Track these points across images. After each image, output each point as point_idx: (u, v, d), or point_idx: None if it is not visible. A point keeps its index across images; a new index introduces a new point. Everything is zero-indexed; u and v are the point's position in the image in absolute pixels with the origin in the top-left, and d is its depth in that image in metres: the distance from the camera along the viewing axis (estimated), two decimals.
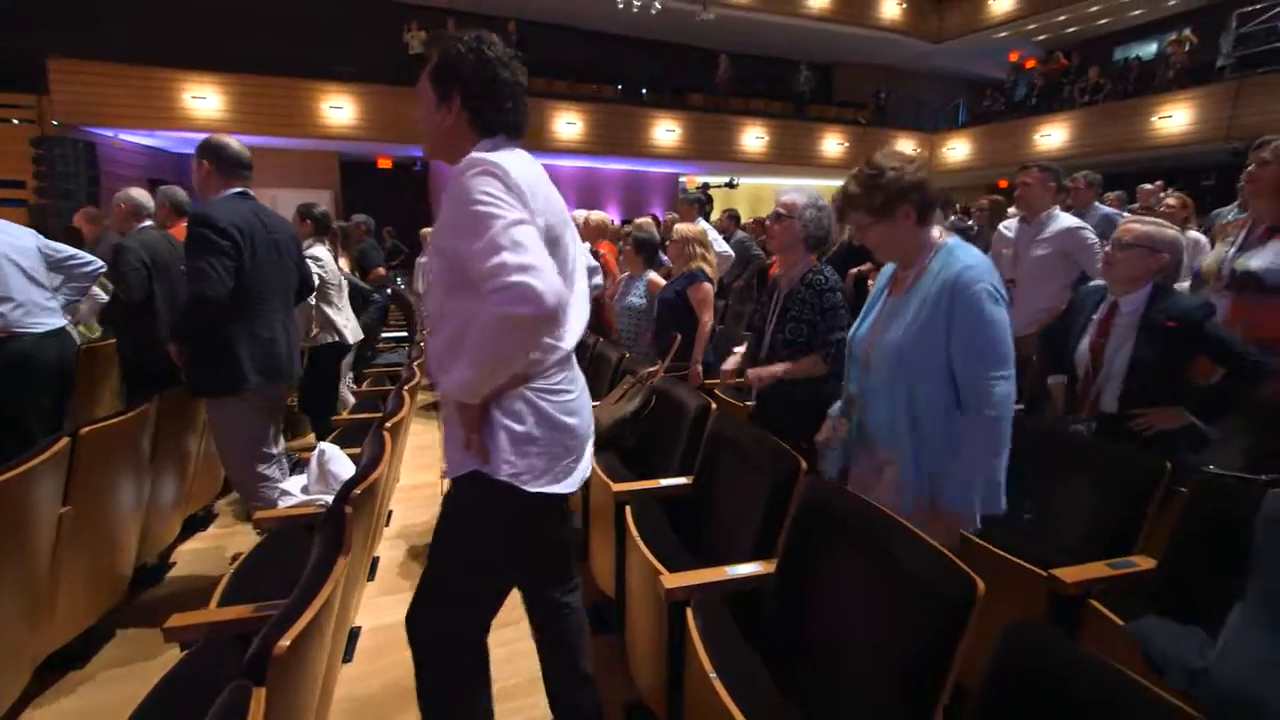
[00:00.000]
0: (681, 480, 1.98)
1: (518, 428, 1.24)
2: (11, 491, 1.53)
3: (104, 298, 3.47)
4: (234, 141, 2.31)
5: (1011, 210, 3.45)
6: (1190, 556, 1.45)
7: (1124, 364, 1.89)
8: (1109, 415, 1.94)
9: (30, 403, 2.62)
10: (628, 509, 1.81)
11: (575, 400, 1.34)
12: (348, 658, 2.03)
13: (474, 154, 1.20)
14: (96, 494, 1.95)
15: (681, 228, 3.25)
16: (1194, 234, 3.54)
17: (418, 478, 3.63)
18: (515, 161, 1.21)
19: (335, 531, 1.21)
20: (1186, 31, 11.01)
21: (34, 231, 2.75)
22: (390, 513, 3.12)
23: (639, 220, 5.59)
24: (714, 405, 2.08)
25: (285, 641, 0.82)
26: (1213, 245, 2.73)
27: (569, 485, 1.32)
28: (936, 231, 1.53)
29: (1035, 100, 13.52)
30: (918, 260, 1.52)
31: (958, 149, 14.32)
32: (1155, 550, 1.53)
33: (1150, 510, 1.60)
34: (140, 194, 3.02)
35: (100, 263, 2.85)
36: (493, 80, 1.25)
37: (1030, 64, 14.42)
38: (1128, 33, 13.46)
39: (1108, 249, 1.96)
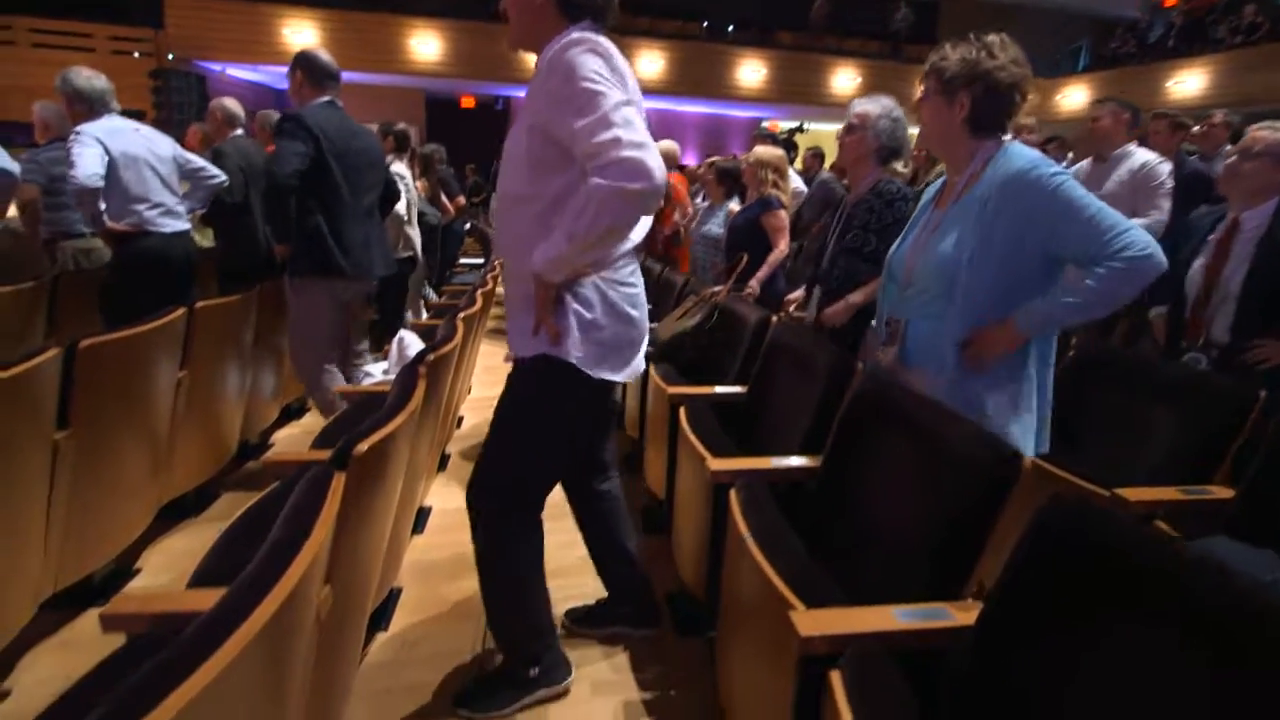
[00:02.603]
0: (736, 389, 2.00)
1: (586, 314, 1.30)
2: (139, 346, 1.73)
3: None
4: (324, 53, 2.47)
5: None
6: (1271, 488, 1.36)
7: (1240, 286, 1.74)
8: (1222, 346, 1.80)
9: (156, 296, 2.88)
10: (681, 410, 1.86)
11: (639, 294, 1.40)
12: (419, 530, 2.22)
13: (575, 33, 1.21)
14: (208, 365, 2.18)
15: (760, 150, 3.17)
16: None
17: (487, 392, 3.83)
18: (612, 47, 1.22)
19: (412, 372, 1.32)
20: None
21: (172, 141, 2.98)
22: (461, 418, 3.32)
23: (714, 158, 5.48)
24: (775, 319, 2.07)
25: (364, 446, 0.92)
26: None
27: (626, 375, 1.39)
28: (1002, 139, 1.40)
29: (1172, 42, 12.07)
30: (969, 165, 1.39)
31: (1074, 97, 13.07)
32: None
33: (1235, 443, 1.51)
34: (233, 103, 3.23)
35: (224, 176, 3.05)
36: None
37: (1170, 1, 12.83)
38: None
39: (1232, 159, 1.80)
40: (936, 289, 1.39)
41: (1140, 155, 2.80)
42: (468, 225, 7.47)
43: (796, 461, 1.46)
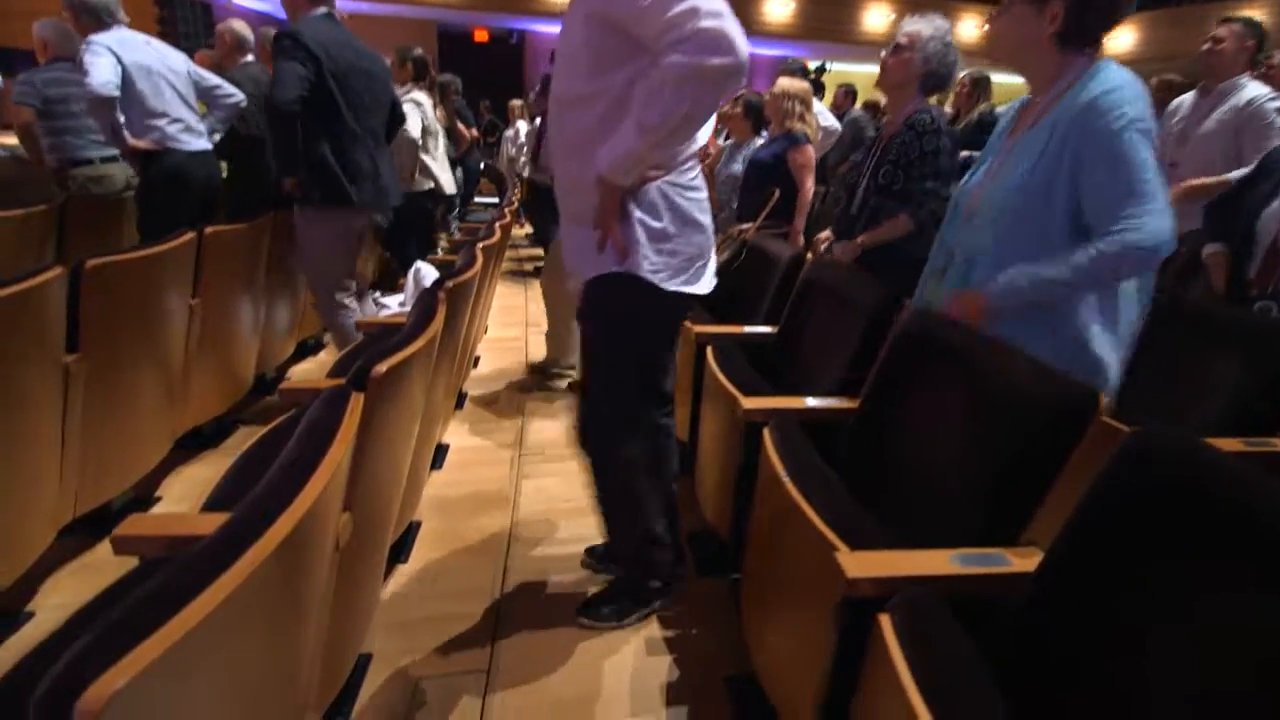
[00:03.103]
0: (766, 329, 1.92)
1: (654, 223, 1.22)
2: (148, 269, 1.67)
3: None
4: None
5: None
6: None
7: None
8: None
9: (180, 217, 2.79)
10: (708, 349, 1.79)
11: (705, 200, 1.32)
12: (437, 466, 2.20)
13: None
14: (221, 294, 2.12)
15: (784, 81, 2.97)
16: None
17: (505, 332, 3.77)
18: None
19: (432, 296, 1.25)
20: None
21: (185, 56, 2.84)
22: (478, 358, 3.27)
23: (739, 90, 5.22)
24: (809, 256, 1.97)
25: (383, 367, 0.86)
26: None
27: (703, 286, 1.33)
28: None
29: None
30: (1053, 86, 1.24)
31: (1120, 39, 12.31)
32: None
33: None
34: (242, 27, 3.07)
35: (242, 96, 2.91)
36: None
37: None
38: None
39: None
40: (994, 224, 1.28)
41: (1250, 90, 2.43)
42: (482, 165, 7.28)
43: (833, 402, 1.39)
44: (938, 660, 0.75)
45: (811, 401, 1.39)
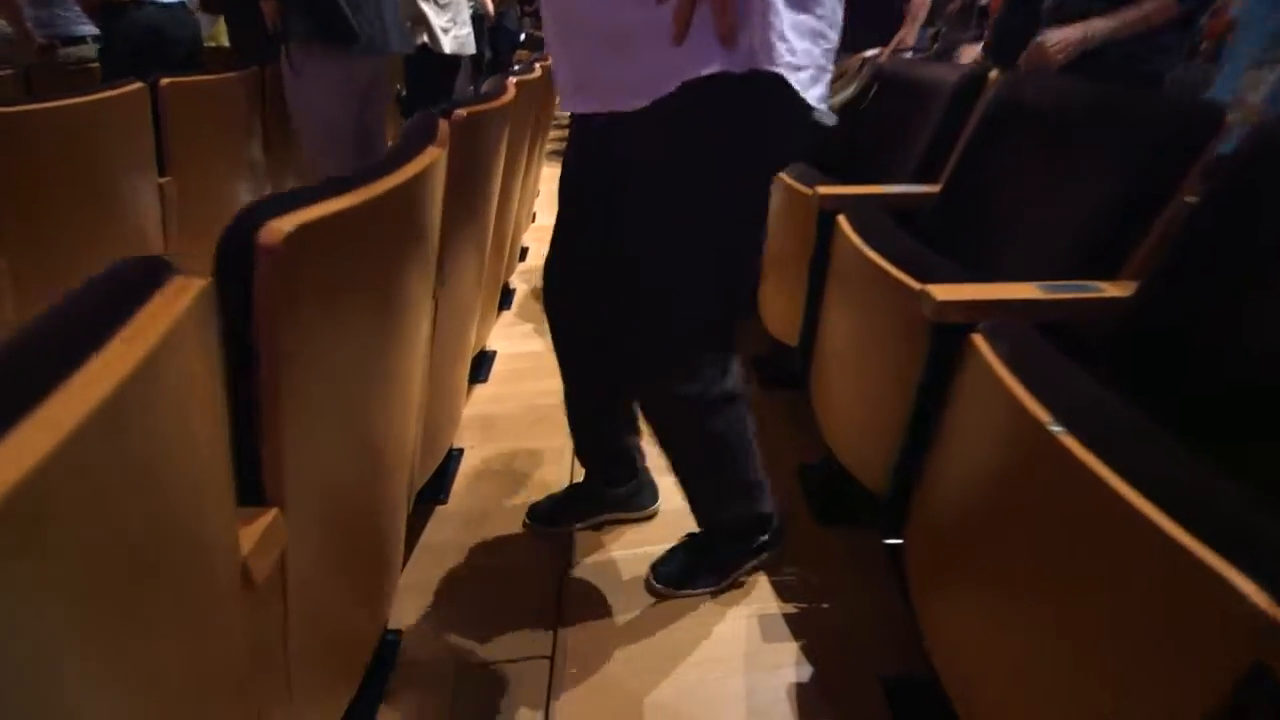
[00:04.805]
0: (921, 188, 1.35)
1: None
2: (78, 125, 1.23)
3: None
4: None
5: None
6: None
7: None
8: None
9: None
10: (841, 219, 1.25)
11: None
12: (483, 378, 1.82)
13: None
14: (200, 171, 1.69)
15: None
16: None
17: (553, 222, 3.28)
18: None
19: (427, 124, 0.76)
20: None
21: None
22: (525, 249, 2.82)
23: None
24: (994, 74, 1.35)
25: (285, 226, 0.40)
26: None
27: (829, 116, 0.84)
28: None
29: None
30: None
31: None
32: None
33: None
34: None
35: None
36: None
37: None
38: None
39: None
40: None
41: None
42: (523, 35, 6.51)
43: (1086, 290, 0.86)
44: None
45: (1051, 288, 0.86)
